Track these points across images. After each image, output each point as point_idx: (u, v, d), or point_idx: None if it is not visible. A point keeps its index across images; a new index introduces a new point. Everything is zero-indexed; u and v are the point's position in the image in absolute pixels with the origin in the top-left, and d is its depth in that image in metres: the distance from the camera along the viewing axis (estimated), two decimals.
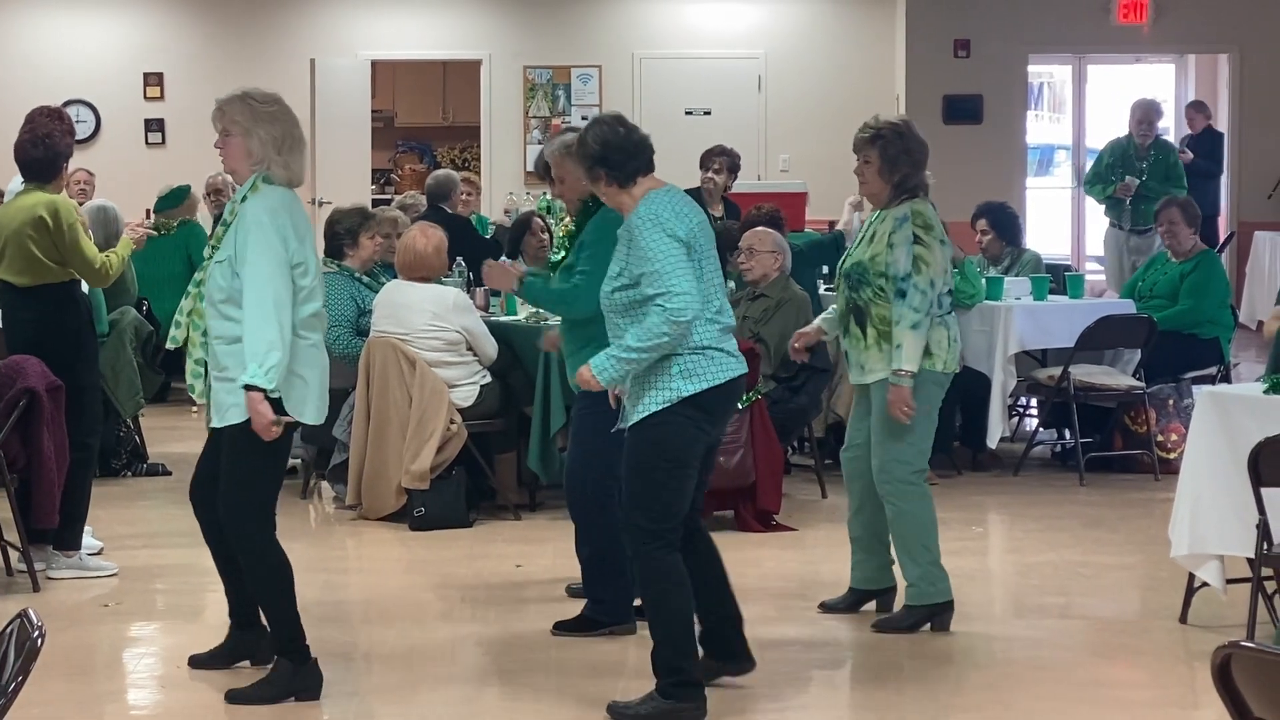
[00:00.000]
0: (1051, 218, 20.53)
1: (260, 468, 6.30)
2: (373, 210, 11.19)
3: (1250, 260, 17.93)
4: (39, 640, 3.51)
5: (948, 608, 7.34)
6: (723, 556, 6.49)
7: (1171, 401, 10.76)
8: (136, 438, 10.86)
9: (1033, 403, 11.73)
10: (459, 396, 9.36)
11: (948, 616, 7.33)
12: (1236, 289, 16.71)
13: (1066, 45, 19.06)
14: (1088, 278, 13.12)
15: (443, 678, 6.78)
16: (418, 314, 9.37)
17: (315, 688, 6.39)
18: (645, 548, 6.10)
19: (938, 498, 7.49)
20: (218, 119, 6.38)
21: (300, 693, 6.36)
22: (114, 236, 9.95)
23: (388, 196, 18.63)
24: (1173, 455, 10.46)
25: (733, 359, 6.20)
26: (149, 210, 13.43)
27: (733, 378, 6.18)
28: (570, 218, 7.46)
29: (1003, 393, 10.62)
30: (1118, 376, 10.77)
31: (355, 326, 9.87)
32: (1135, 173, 14.86)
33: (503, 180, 18.55)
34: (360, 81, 18.41)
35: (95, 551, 8.44)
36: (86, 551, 8.32)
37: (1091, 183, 15.33)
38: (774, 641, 7.12)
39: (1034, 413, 11.76)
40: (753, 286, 10.01)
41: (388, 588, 8.31)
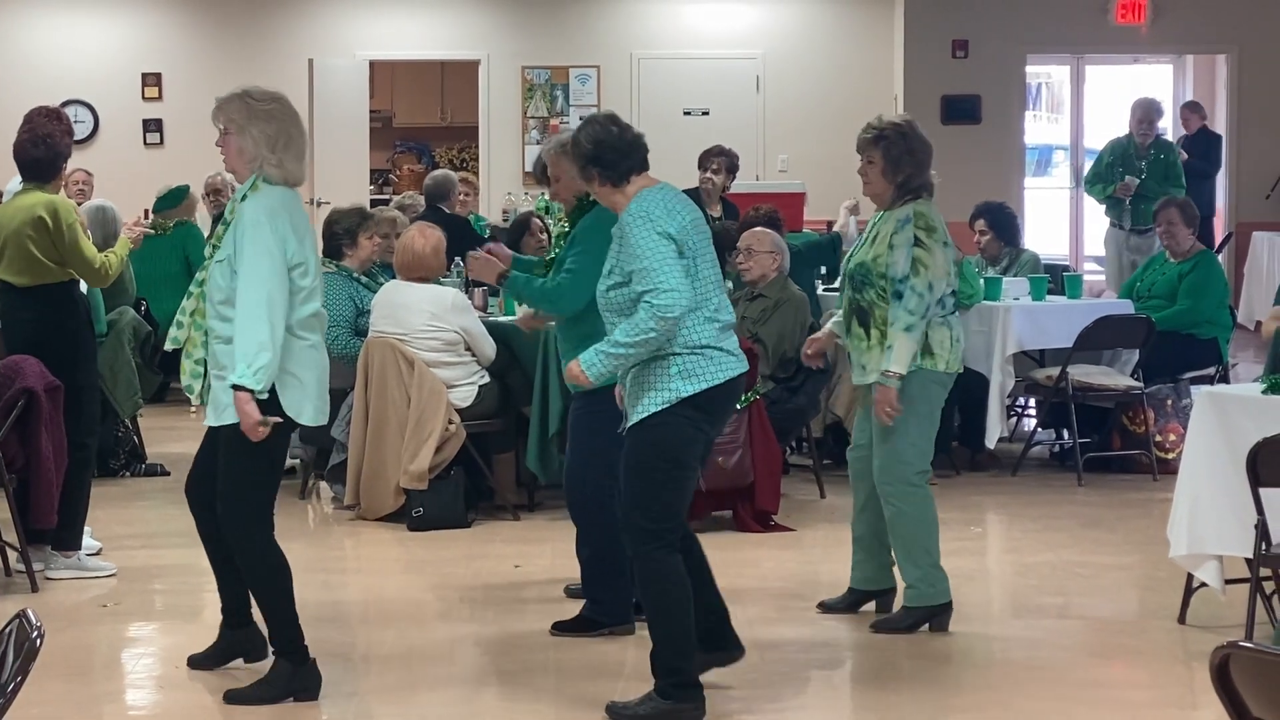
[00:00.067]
0: (1050, 218, 20.52)
1: (258, 468, 6.28)
2: (371, 210, 11.18)
3: (1248, 260, 17.94)
4: (38, 640, 3.50)
5: (946, 609, 7.33)
6: (722, 557, 6.49)
7: (1170, 402, 10.75)
8: (135, 438, 10.86)
9: (1031, 403, 11.73)
10: (457, 397, 9.36)
11: (946, 617, 7.32)
12: (1235, 289, 16.70)
13: (1065, 46, 19.06)
14: (1086, 278, 13.12)
15: (441, 678, 6.77)
16: (416, 314, 9.36)
17: (314, 688, 6.39)
18: (645, 548, 6.10)
19: (936, 498, 7.47)
20: (217, 117, 6.36)
21: (299, 693, 6.36)
22: (112, 237, 9.95)
23: (386, 197, 18.62)
24: (1171, 455, 10.46)
25: (732, 357, 6.19)
26: (147, 210, 13.42)
27: (732, 377, 6.17)
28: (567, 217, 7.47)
29: (1001, 393, 10.61)
30: (1116, 377, 10.77)
31: (354, 327, 9.86)
32: (1135, 172, 14.86)
33: (501, 180, 18.55)
34: (358, 81, 18.40)
35: (94, 552, 8.43)
36: (85, 552, 8.31)
37: (1092, 182, 15.32)
38: (773, 642, 7.12)
39: (1032, 413, 11.76)
40: (751, 287, 10.01)
41: (386, 588, 8.30)
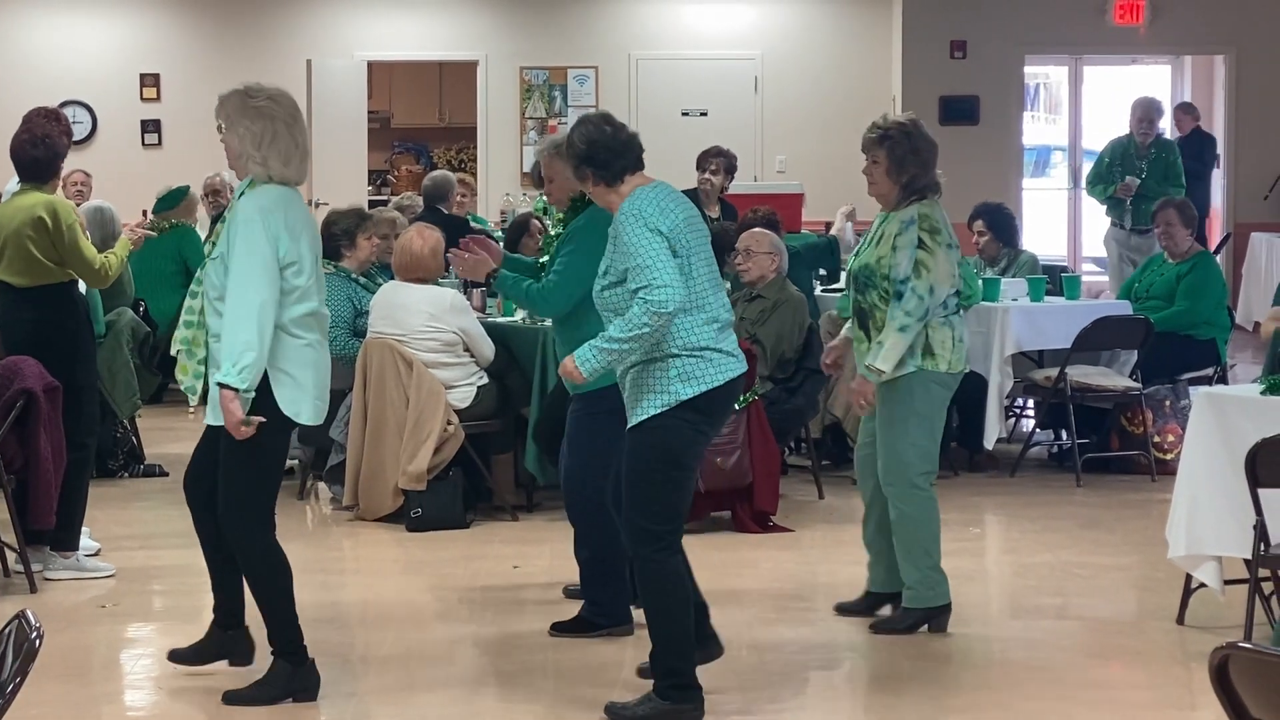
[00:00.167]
0: (1048, 219, 20.53)
1: (259, 469, 6.26)
2: (369, 211, 11.18)
3: (1247, 261, 17.94)
4: (36, 641, 3.50)
5: (945, 610, 7.32)
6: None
7: (1168, 402, 10.75)
8: (133, 439, 10.85)
9: (1029, 404, 11.73)
10: (456, 397, 9.36)
11: (945, 619, 7.32)
12: (1233, 290, 16.69)
13: (1063, 46, 19.07)
14: (1085, 278, 13.12)
15: (440, 679, 6.77)
16: (415, 315, 9.36)
17: (313, 689, 6.38)
18: (645, 550, 6.09)
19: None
20: (217, 113, 6.34)
21: (298, 694, 6.35)
22: (111, 237, 9.94)
23: (384, 197, 18.64)
24: (1169, 456, 10.46)
25: (731, 358, 6.17)
26: (146, 211, 13.41)
27: (731, 378, 6.17)
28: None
29: (999, 394, 10.61)
30: (1114, 377, 10.77)
31: (352, 327, 9.86)
32: (1135, 171, 14.85)
33: (499, 181, 18.54)
34: (356, 82, 18.40)
35: (92, 553, 8.43)
36: (84, 553, 8.31)
37: (1093, 183, 15.32)
38: (772, 643, 7.12)
39: (1031, 414, 11.76)
40: (749, 288, 10.01)
41: (385, 589, 8.30)
